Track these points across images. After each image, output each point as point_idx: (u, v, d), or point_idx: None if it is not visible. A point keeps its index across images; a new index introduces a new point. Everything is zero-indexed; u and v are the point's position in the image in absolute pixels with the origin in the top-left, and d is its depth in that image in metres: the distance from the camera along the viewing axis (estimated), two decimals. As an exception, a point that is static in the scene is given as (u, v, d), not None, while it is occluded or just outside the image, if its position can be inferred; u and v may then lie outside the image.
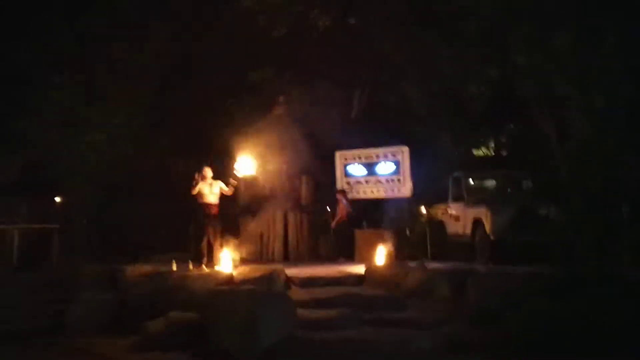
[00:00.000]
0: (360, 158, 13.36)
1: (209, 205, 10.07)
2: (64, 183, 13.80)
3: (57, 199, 12.68)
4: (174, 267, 9.64)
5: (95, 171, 13.96)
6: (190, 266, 9.82)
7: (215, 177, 10.32)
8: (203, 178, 10.04)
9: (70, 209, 13.74)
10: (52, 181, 13.75)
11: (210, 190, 10.13)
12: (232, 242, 11.55)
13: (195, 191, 9.98)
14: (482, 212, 11.12)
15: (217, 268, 9.53)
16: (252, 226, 13.08)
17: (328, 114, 14.62)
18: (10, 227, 11.31)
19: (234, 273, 9.11)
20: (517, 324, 6.97)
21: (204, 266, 9.72)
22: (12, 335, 8.08)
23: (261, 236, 13.26)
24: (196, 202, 10.07)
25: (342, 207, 12.76)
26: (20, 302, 9.10)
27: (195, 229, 10.44)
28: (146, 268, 9.49)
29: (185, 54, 14.86)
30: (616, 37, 10.51)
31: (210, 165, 10.38)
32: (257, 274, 8.98)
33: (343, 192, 13.04)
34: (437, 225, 13.26)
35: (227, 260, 9.64)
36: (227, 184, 10.34)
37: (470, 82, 13.38)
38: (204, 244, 10.00)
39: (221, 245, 10.10)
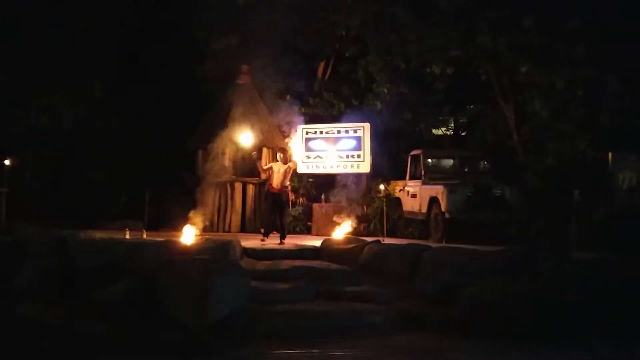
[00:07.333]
0: (322, 132, 13.24)
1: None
2: (15, 145, 13.31)
3: (7, 162, 12.14)
4: (127, 235, 9.52)
5: (49, 134, 13.52)
6: (144, 235, 9.73)
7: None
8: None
9: (22, 172, 13.26)
10: (1, 143, 13.24)
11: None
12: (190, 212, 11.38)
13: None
14: (439, 191, 11.25)
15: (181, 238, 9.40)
16: (210, 197, 12.87)
17: (291, 85, 14.48)
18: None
19: (189, 243, 8.99)
20: (469, 302, 7.06)
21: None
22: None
23: (218, 207, 13.14)
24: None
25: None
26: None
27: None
28: (98, 234, 9.26)
29: (147, 18, 14.49)
30: (580, 22, 10.69)
31: None
32: (212, 244, 8.83)
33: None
34: (394, 202, 13.41)
35: (188, 231, 9.55)
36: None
37: (435, 61, 13.38)
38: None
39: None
